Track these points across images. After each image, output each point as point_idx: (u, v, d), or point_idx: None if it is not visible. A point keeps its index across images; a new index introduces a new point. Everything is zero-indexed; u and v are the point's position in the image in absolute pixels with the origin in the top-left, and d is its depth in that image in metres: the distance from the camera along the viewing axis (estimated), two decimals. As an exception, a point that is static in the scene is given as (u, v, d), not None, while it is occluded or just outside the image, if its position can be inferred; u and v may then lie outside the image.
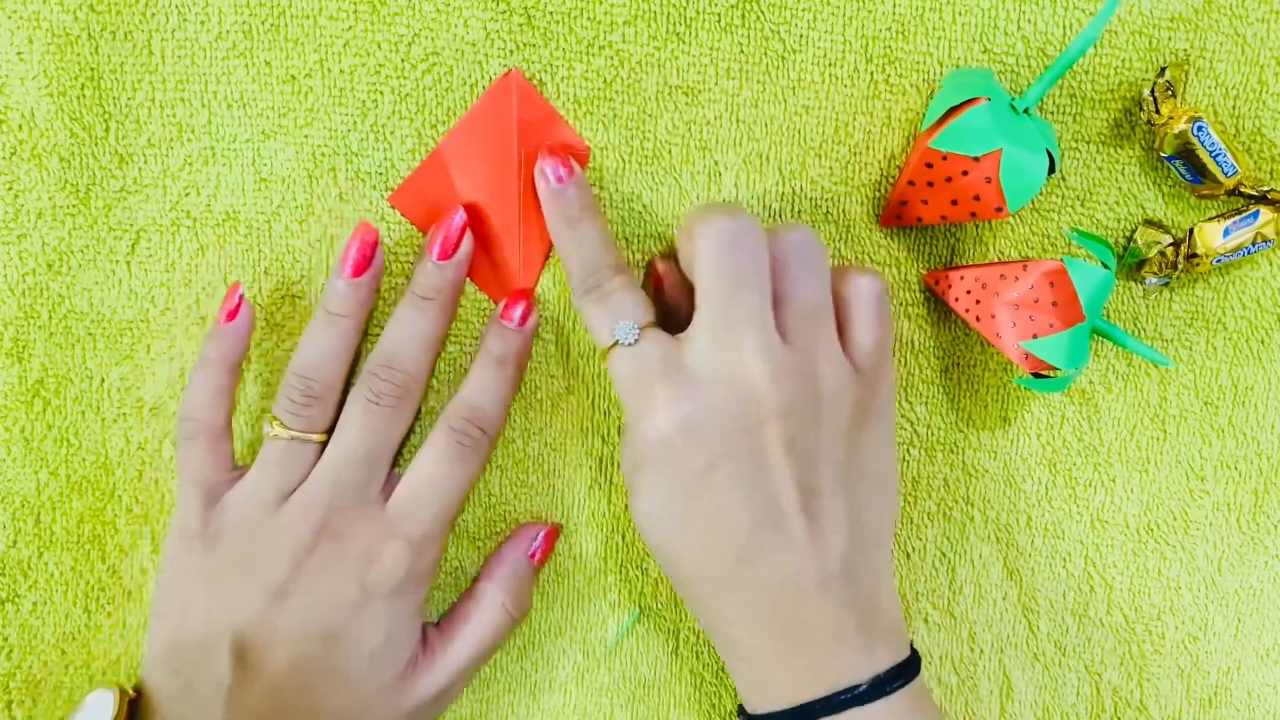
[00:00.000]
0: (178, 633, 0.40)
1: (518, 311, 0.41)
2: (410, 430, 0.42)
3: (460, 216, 0.40)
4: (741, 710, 0.39)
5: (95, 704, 0.39)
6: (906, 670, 0.37)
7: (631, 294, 0.38)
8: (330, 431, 0.40)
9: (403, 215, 0.42)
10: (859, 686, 0.36)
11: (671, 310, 0.41)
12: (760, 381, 0.36)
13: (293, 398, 0.40)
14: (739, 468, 0.36)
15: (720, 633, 0.38)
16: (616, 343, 0.37)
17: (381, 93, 0.41)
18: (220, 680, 0.38)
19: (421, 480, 0.40)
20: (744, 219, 0.36)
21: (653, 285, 0.42)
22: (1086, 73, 0.42)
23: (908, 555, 0.45)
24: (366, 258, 0.40)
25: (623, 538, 0.44)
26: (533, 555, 0.43)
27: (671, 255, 0.42)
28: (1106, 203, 0.43)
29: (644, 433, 0.37)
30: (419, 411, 0.42)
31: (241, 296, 0.41)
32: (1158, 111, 0.41)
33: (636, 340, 0.37)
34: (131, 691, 0.40)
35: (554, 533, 0.43)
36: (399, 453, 0.41)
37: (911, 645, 0.39)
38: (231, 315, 0.41)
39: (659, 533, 0.37)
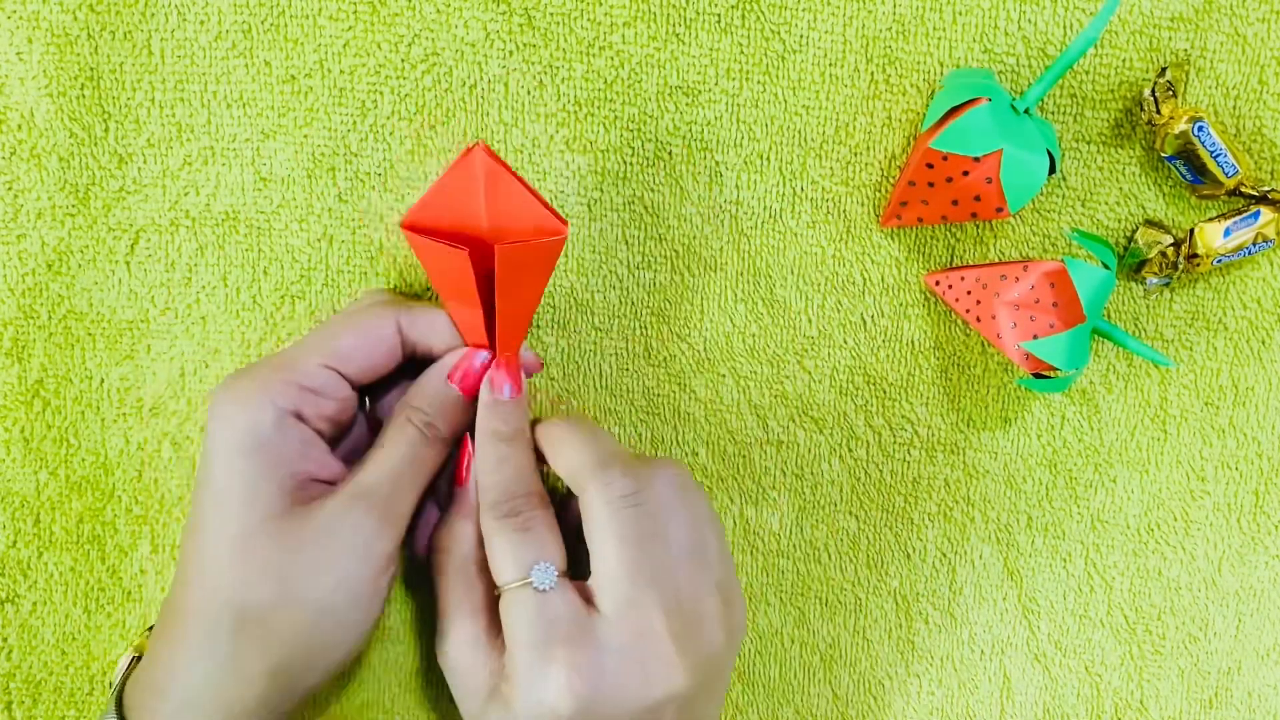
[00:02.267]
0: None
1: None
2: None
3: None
4: None
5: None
6: None
7: (554, 534, 0.36)
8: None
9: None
10: None
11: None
12: (670, 670, 0.34)
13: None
14: None
15: None
16: (528, 583, 0.35)
17: (381, 93, 0.41)
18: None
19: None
20: (637, 475, 0.35)
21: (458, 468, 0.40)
22: (1087, 73, 0.42)
23: (908, 556, 0.45)
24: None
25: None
26: (458, 384, 0.39)
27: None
28: (1107, 203, 0.43)
29: (532, 702, 0.34)
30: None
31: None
32: (1158, 111, 0.41)
33: (551, 588, 0.35)
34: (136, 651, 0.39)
35: (497, 360, 0.39)
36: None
37: None
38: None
39: None
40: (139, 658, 0.38)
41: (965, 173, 0.39)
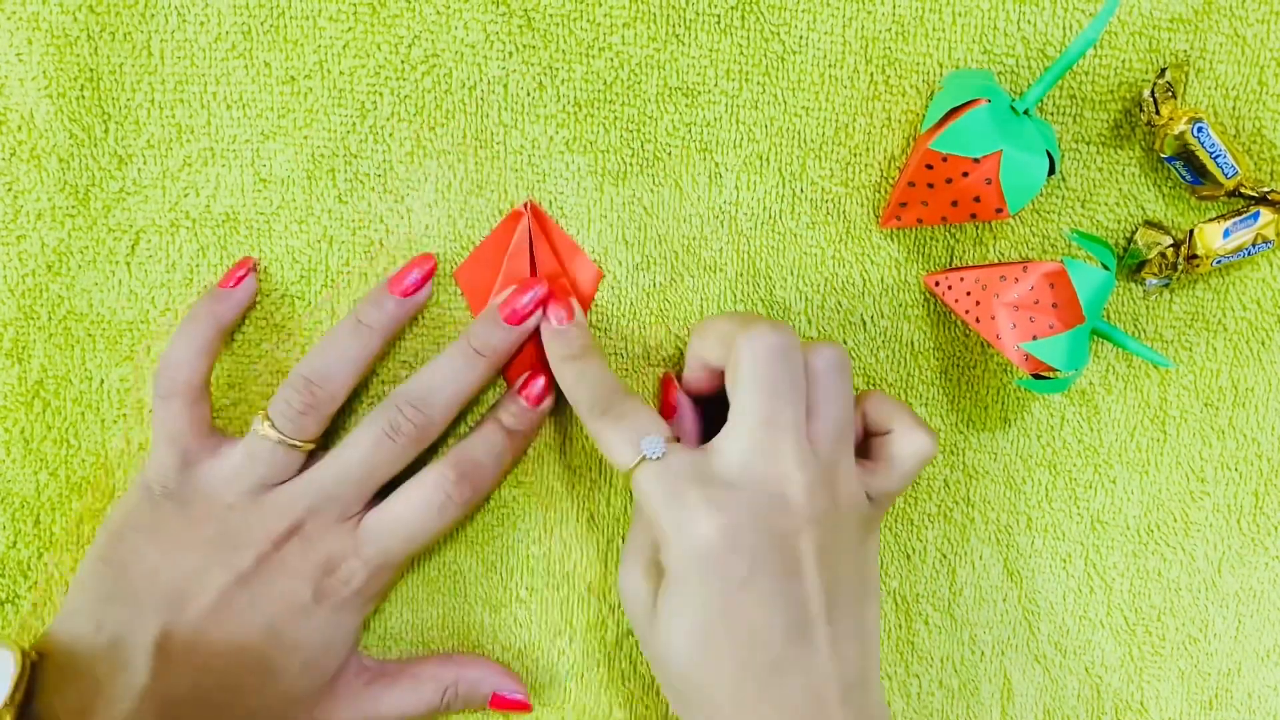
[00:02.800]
0: (117, 581, 0.39)
1: (536, 388, 0.42)
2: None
3: (540, 290, 0.41)
4: None
5: None
6: None
7: (648, 411, 0.38)
8: (318, 440, 0.40)
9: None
10: None
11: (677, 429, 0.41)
12: (797, 489, 0.36)
13: (291, 402, 0.39)
14: (776, 575, 0.35)
15: None
16: (643, 459, 0.36)
17: (381, 94, 0.41)
18: (147, 643, 0.38)
19: (399, 518, 0.40)
20: (788, 334, 0.37)
21: (664, 404, 0.42)
22: (1086, 74, 0.42)
23: (908, 556, 0.45)
24: (420, 285, 0.41)
25: (623, 539, 0.44)
26: (495, 697, 0.43)
27: (678, 371, 0.42)
28: (1106, 204, 0.43)
29: (684, 544, 0.36)
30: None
31: (252, 271, 0.42)
32: (1158, 112, 0.41)
33: (664, 454, 0.36)
34: (34, 654, 0.38)
35: (524, 707, 0.43)
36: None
37: None
38: (236, 282, 0.41)
39: (687, 651, 0.36)
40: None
41: (965, 174, 0.39)
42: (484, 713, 0.43)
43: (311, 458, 0.41)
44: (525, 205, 0.42)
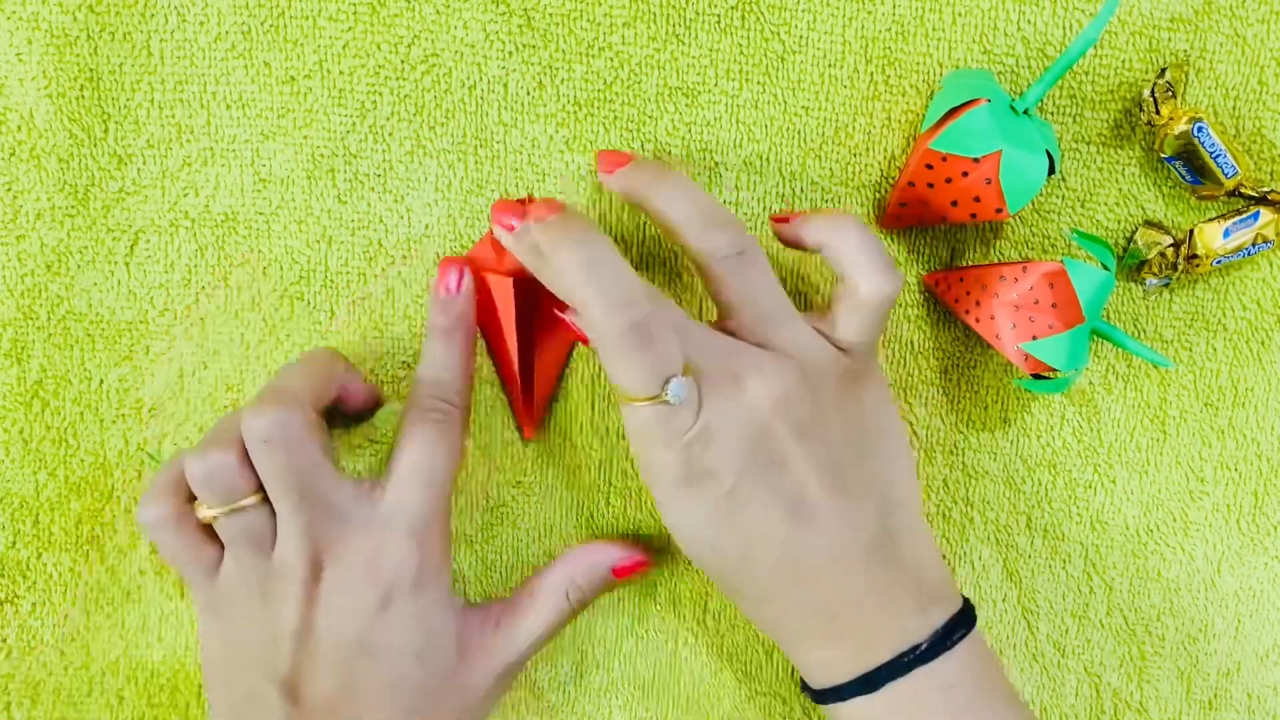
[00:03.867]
0: (230, 692, 0.39)
1: (451, 280, 0.41)
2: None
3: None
4: (805, 685, 0.39)
5: None
6: (962, 622, 0.38)
7: (676, 340, 0.36)
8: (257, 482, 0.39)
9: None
10: (919, 646, 0.37)
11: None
12: (756, 391, 0.36)
13: (210, 486, 0.38)
14: (762, 474, 0.36)
15: (775, 628, 0.39)
16: (659, 398, 0.35)
17: (380, 94, 0.41)
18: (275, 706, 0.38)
19: (406, 470, 0.39)
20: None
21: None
22: (1086, 73, 0.42)
23: (907, 556, 0.45)
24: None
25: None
26: (616, 571, 0.42)
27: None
28: (1106, 204, 0.43)
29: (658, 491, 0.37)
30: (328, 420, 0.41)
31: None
32: (1158, 112, 0.41)
33: (684, 400, 0.35)
34: None
35: (644, 564, 0.43)
36: (334, 458, 0.40)
37: (964, 596, 0.39)
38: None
39: (699, 552, 0.38)
40: None
41: (965, 173, 0.39)
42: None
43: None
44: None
